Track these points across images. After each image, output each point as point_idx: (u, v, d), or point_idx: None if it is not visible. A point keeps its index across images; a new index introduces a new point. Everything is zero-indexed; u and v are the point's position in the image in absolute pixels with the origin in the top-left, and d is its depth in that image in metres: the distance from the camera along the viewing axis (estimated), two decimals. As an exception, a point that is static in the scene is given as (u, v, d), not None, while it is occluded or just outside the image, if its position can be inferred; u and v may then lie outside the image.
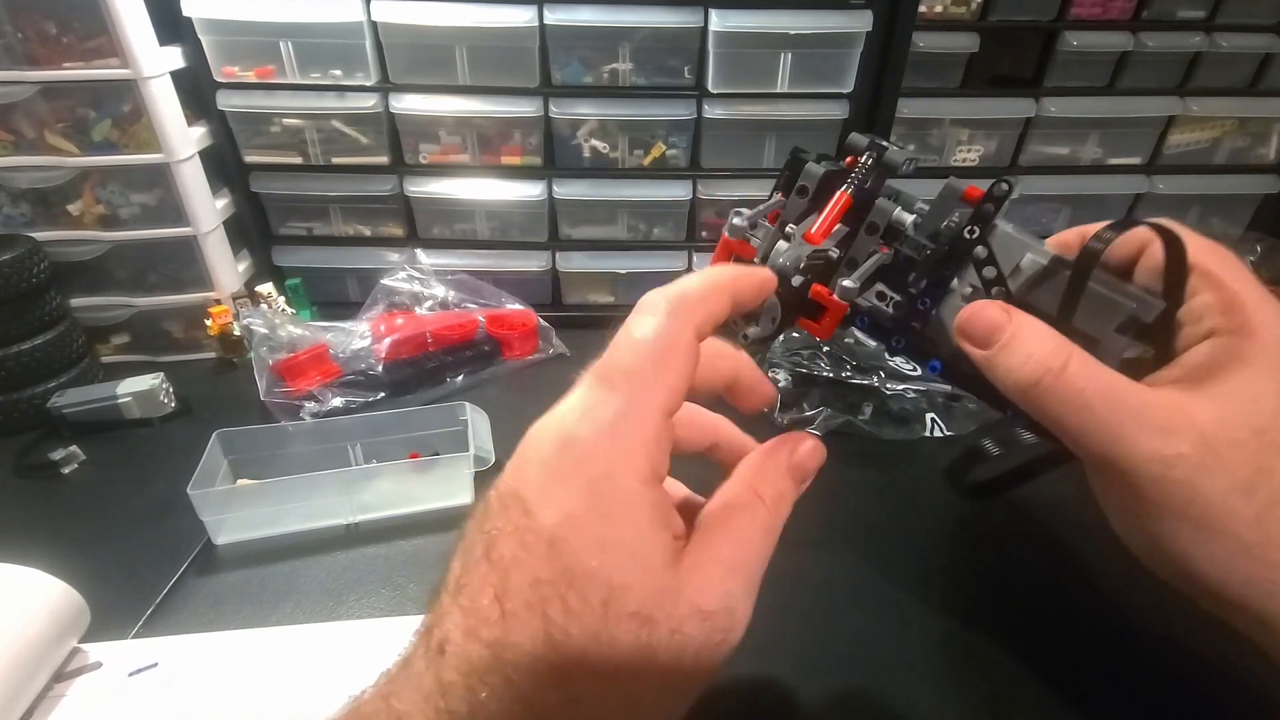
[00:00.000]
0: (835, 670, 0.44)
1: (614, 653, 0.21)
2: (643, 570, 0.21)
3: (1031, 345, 0.26)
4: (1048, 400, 0.26)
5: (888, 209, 0.31)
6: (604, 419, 0.22)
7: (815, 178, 0.32)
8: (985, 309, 0.28)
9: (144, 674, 0.44)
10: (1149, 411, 0.25)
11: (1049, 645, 0.46)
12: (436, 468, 0.57)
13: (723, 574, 0.23)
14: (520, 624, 0.21)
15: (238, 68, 0.74)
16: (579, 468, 0.22)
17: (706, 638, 0.22)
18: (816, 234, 0.30)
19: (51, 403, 0.66)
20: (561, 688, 0.21)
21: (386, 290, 0.81)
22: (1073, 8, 0.76)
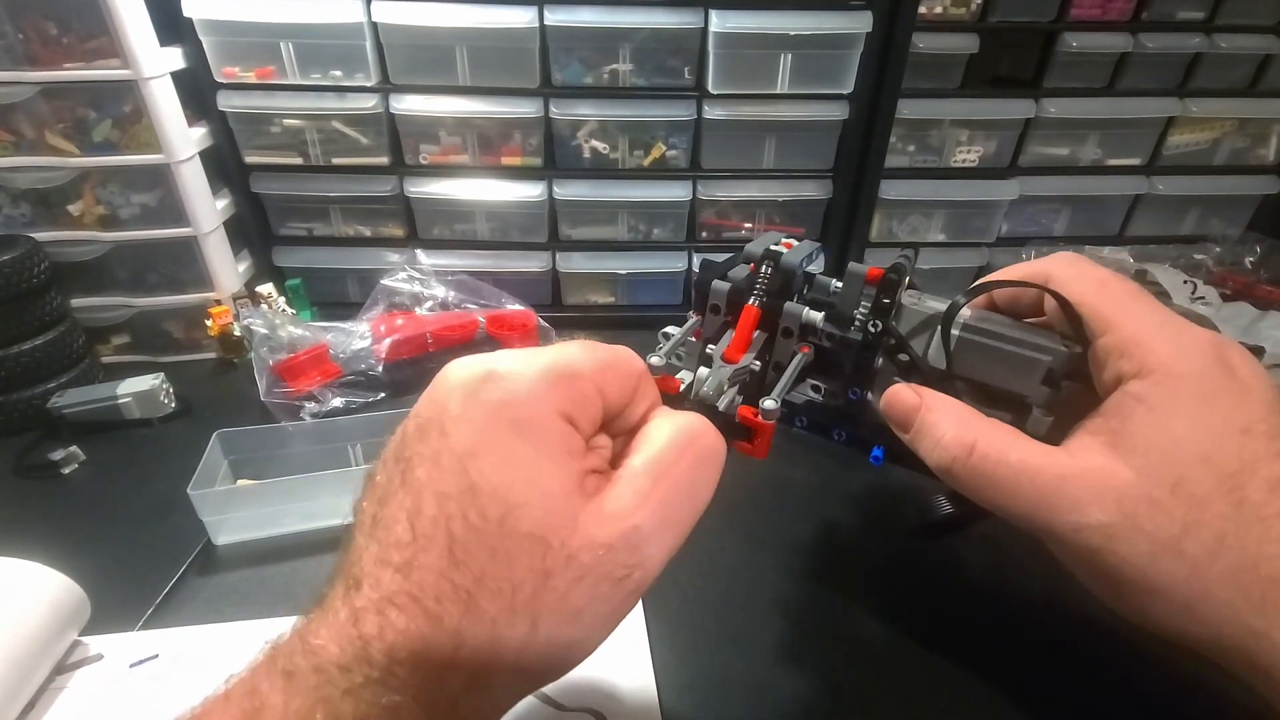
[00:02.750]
0: (834, 670, 0.44)
1: (510, 571, 0.21)
2: (542, 492, 0.22)
3: (940, 429, 0.27)
4: (963, 482, 0.27)
5: (796, 312, 0.32)
6: (529, 362, 0.23)
7: (723, 295, 0.33)
8: (899, 394, 0.30)
9: (145, 665, 0.44)
10: (1064, 485, 0.25)
11: (1053, 646, 0.46)
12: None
13: (628, 507, 0.22)
14: (427, 542, 0.21)
15: (238, 68, 0.74)
16: (497, 394, 0.22)
17: (605, 570, 0.22)
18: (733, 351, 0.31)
19: (51, 403, 0.66)
20: (462, 604, 0.21)
21: (387, 291, 0.81)
22: (1072, 9, 0.76)
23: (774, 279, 0.33)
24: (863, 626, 0.47)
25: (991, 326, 0.30)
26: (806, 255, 0.34)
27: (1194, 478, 0.23)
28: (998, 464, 0.26)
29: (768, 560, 0.52)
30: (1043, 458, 0.26)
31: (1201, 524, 0.23)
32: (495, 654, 0.21)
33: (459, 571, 0.21)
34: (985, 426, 0.27)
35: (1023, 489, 0.25)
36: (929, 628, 0.47)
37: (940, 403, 0.28)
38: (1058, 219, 0.90)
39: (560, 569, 0.21)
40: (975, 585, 0.51)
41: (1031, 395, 0.29)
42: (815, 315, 0.32)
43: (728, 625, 0.47)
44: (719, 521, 0.35)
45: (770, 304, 0.32)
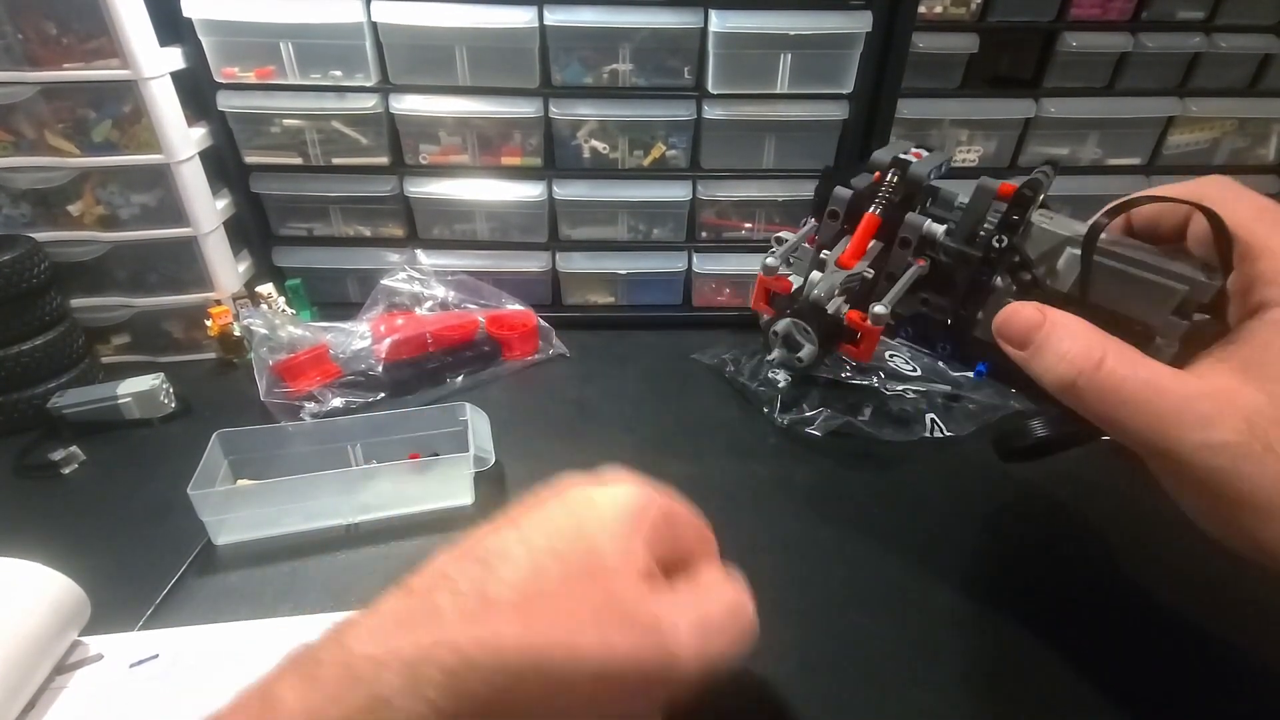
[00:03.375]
0: (834, 670, 0.44)
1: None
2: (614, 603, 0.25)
3: (1066, 344, 0.26)
4: (1087, 398, 0.26)
5: (917, 223, 0.31)
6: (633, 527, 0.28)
7: (843, 202, 0.33)
8: (1020, 310, 0.28)
9: (145, 665, 0.44)
10: (1192, 403, 0.24)
11: (1050, 646, 0.46)
12: (436, 468, 0.57)
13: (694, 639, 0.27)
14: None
15: (238, 68, 0.74)
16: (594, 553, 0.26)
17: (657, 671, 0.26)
18: (848, 258, 0.31)
19: (51, 403, 0.66)
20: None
21: (387, 291, 0.81)
22: (1072, 8, 0.76)
23: (899, 188, 0.32)
24: (863, 625, 0.47)
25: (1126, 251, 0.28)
26: (936, 167, 0.33)
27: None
28: (1125, 379, 0.25)
29: (768, 560, 0.52)
30: (1171, 377, 0.25)
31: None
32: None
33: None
34: (1113, 343, 0.26)
35: (1150, 405, 0.25)
36: (930, 627, 0.47)
37: (1065, 319, 0.27)
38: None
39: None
40: (979, 584, 0.50)
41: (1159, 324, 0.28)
42: (937, 228, 0.31)
43: (728, 625, 0.47)
44: (719, 522, 0.35)
45: (891, 213, 0.32)
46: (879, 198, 0.32)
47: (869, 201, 0.32)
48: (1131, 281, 0.28)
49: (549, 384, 0.76)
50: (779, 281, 0.32)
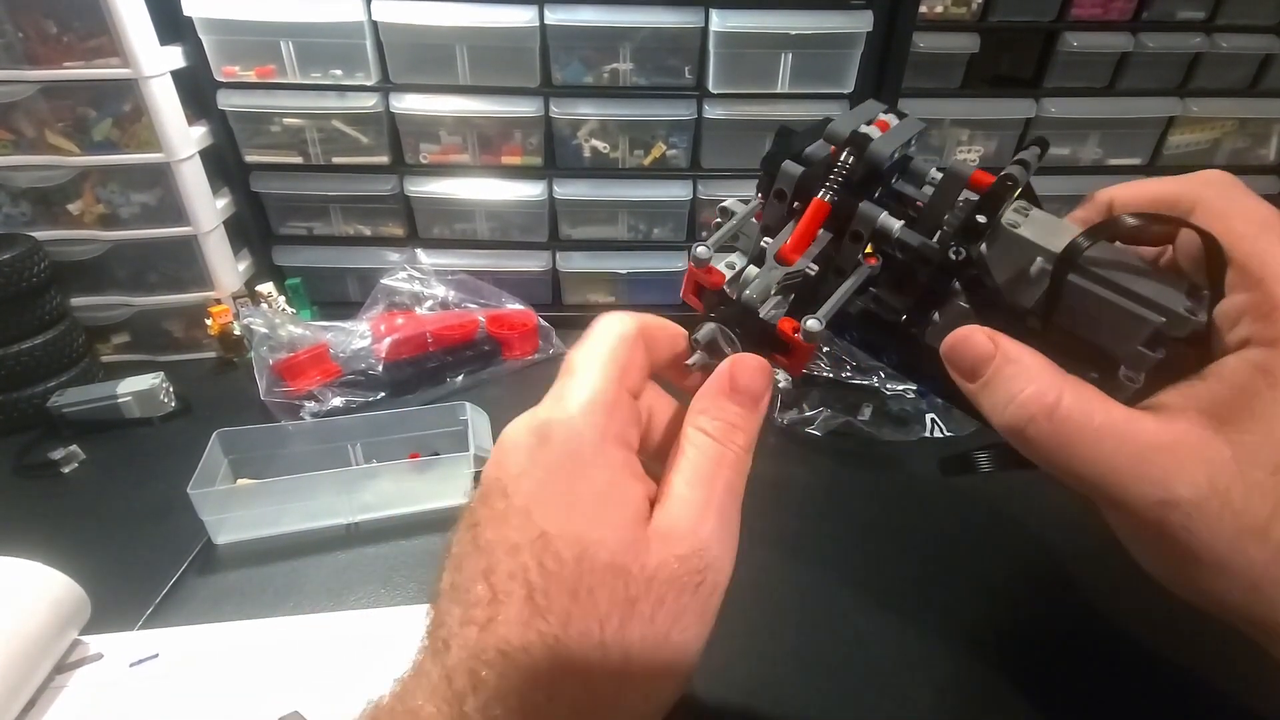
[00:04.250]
0: (834, 670, 0.44)
1: (594, 607, 0.21)
2: (613, 525, 0.22)
3: (1017, 384, 0.24)
4: (1036, 446, 0.24)
5: (871, 216, 0.26)
6: (570, 399, 0.24)
7: (791, 180, 0.28)
8: (970, 338, 0.25)
9: (145, 665, 0.44)
10: (1151, 456, 0.22)
11: (1049, 646, 0.46)
12: (437, 468, 0.57)
13: (690, 521, 0.23)
14: (506, 596, 0.22)
15: (238, 67, 0.74)
16: (550, 443, 0.23)
17: (683, 583, 0.22)
18: (789, 250, 0.26)
19: (51, 402, 0.66)
20: (549, 649, 0.21)
21: (387, 290, 0.81)
22: (1073, 8, 0.76)
23: (854, 170, 0.27)
24: (862, 624, 0.47)
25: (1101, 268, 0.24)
26: (901, 144, 0.27)
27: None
28: (1080, 427, 0.23)
29: (768, 560, 0.52)
30: (1129, 424, 0.23)
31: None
32: (592, 695, 0.21)
33: (543, 619, 0.21)
34: (1069, 385, 0.23)
35: (1105, 458, 0.23)
36: (930, 627, 0.47)
37: (1019, 354, 0.24)
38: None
39: (644, 594, 0.22)
40: (980, 584, 0.50)
41: (1127, 356, 0.24)
42: (893, 224, 0.26)
43: (727, 624, 0.46)
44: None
45: (844, 199, 0.27)
46: (829, 181, 0.27)
47: (819, 184, 0.27)
48: (1101, 305, 0.24)
49: (549, 383, 0.75)
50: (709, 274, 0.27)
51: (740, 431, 0.25)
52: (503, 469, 0.24)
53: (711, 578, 0.23)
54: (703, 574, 0.23)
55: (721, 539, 0.24)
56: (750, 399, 0.26)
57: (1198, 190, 0.24)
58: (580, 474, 0.23)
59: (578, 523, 0.22)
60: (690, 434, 0.25)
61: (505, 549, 0.22)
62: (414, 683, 0.22)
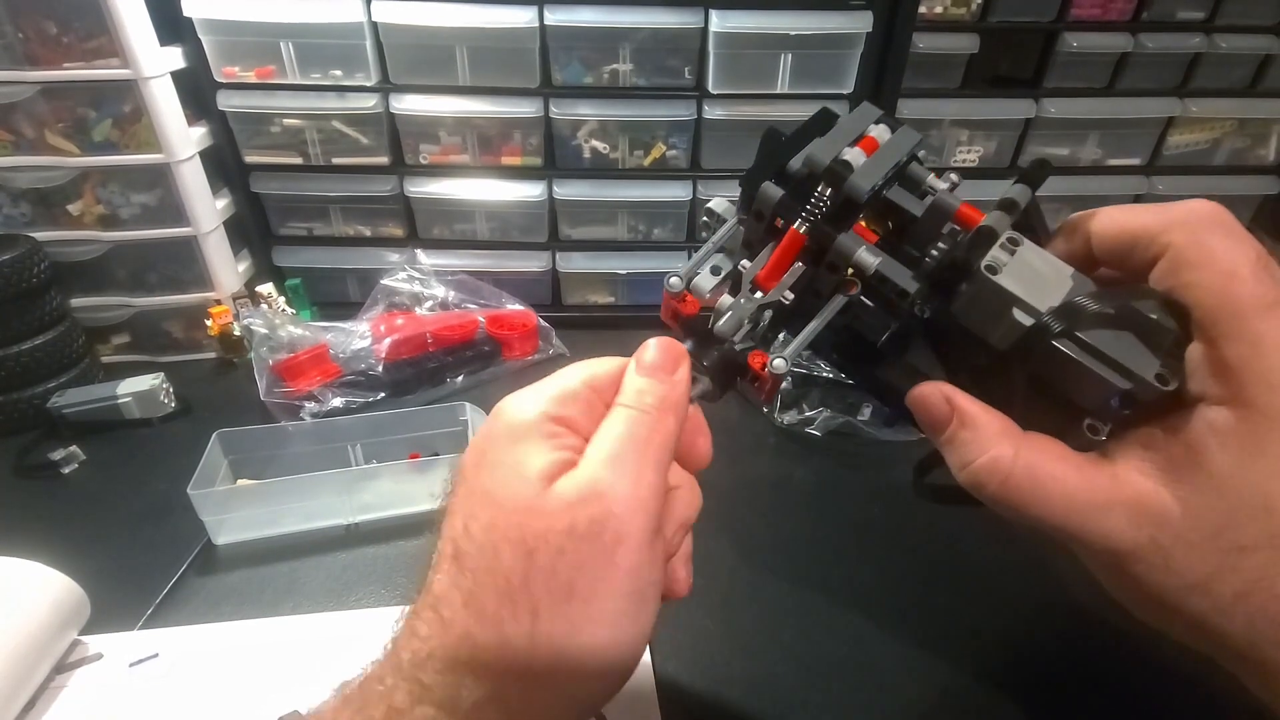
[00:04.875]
0: (833, 669, 0.44)
1: (499, 562, 0.22)
2: (518, 482, 0.23)
3: (971, 451, 0.25)
4: (992, 504, 0.25)
5: (848, 250, 0.26)
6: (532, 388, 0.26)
7: (770, 204, 0.27)
8: (928, 400, 0.26)
9: (145, 665, 0.44)
10: (1101, 513, 0.23)
11: (1049, 646, 0.46)
12: (436, 468, 0.57)
13: (588, 470, 0.24)
14: (440, 557, 0.24)
15: (238, 68, 0.74)
16: (496, 417, 0.25)
17: (580, 532, 0.22)
18: (765, 277, 0.27)
19: (51, 403, 0.66)
20: (466, 605, 0.22)
21: (387, 290, 0.81)
22: (1072, 9, 0.76)
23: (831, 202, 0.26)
24: (862, 624, 0.47)
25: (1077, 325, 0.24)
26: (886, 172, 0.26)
27: (1245, 525, 0.22)
28: (1032, 490, 0.24)
29: (767, 560, 0.52)
30: (1082, 482, 0.24)
31: (1237, 570, 0.22)
32: (508, 650, 0.22)
33: (463, 576, 0.23)
34: (1024, 448, 0.24)
35: (1056, 514, 0.24)
36: (930, 626, 0.47)
37: (974, 416, 0.25)
38: (1058, 219, 0.89)
39: (541, 545, 0.22)
40: (978, 583, 0.51)
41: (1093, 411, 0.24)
42: (870, 260, 0.25)
43: (727, 624, 0.47)
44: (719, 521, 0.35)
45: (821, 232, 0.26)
46: (806, 213, 0.26)
47: (794, 214, 0.26)
48: (1070, 363, 0.24)
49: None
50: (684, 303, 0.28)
51: (649, 395, 0.26)
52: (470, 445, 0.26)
53: (614, 526, 0.23)
54: (601, 523, 0.23)
55: (624, 489, 0.23)
56: (655, 369, 0.26)
57: (1171, 232, 0.23)
58: (511, 444, 0.24)
59: (494, 483, 0.24)
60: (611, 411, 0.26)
61: (447, 516, 0.24)
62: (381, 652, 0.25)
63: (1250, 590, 0.22)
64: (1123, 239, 0.25)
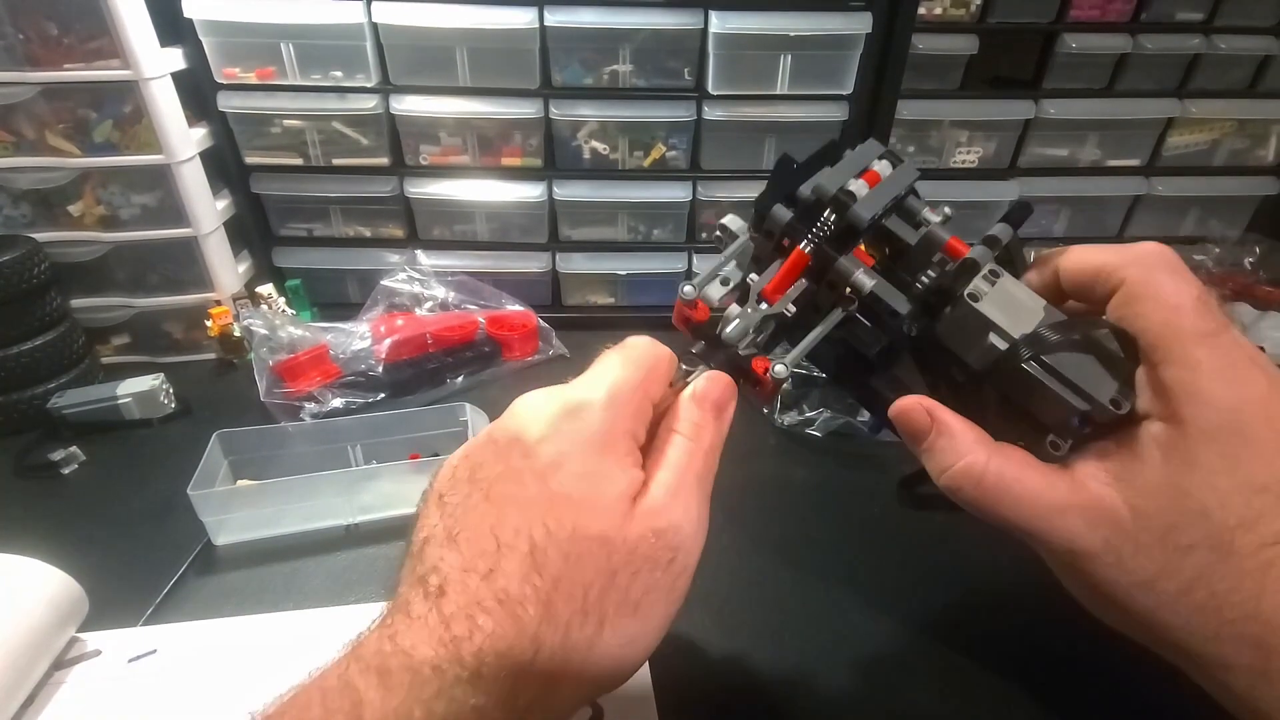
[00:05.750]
0: (834, 669, 0.44)
1: (581, 573, 0.24)
2: (608, 499, 0.25)
3: (949, 458, 0.28)
4: (967, 505, 0.28)
5: (846, 271, 0.29)
6: (601, 386, 0.27)
7: (779, 225, 0.30)
8: (909, 412, 0.29)
9: (144, 661, 0.44)
10: (1061, 515, 0.26)
11: (1050, 646, 0.46)
12: (436, 468, 0.57)
13: (662, 502, 0.26)
14: (509, 550, 0.24)
15: (239, 69, 0.74)
16: (579, 418, 0.26)
17: (656, 558, 0.25)
18: (771, 291, 0.30)
19: (51, 403, 0.66)
20: (541, 605, 0.23)
21: (387, 291, 0.81)
22: (1072, 10, 0.76)
23: (835, 228, 0.29)
24: (862, 625, 0.47)
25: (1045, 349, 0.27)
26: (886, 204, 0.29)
27: (1186, 528, 0.24)
28: (1001, 493, 0.27)
29: (767, 560, 0.52)
30: (1046, 487, 0.27)
31: (1180, 570, 0.25)
32: (567, 656, 0.23)
33: (539, 576, 0.23)
34: (995, 456, 0.27)
35: (1022, 516, 0.27)
36: (930, 627, 0.47)
37: (950, 428, 0.28)
38: (1057, 220, 0.90)
39: (623, 565, 0.24)
40: (978, 583, 0.51)
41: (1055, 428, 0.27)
42: (866, 282, 0.29)
43: (727, 623, 0.47)
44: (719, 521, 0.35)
45: (823, 253, 0.29)
46: (811, 235, 0.29)
47: (800, 235, 0.30)
48: (1035, 384, 0.27)
49: (549, 384, 0.76)
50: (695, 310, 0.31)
51: (706, 432, 0.28)
52: (524, 430, 0.26)
53: (682, 558, 0.25)
54: (674, 551, 0.25)
55: (691, 522, 0.26)
56: (713, 406, 0.29)
57: (1126, 269, 0.27)
58: (595, 451, 0.25)
59: (581, 492, 0.24)
60: (671, 437, 0.28)
61: (517, 505, 0.24)
62: (406, 624, 0.24)
63: (1190, 587, 0.24)
64: (1085, 274, 0.28)
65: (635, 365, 0.28)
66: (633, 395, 0.27)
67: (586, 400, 0.27)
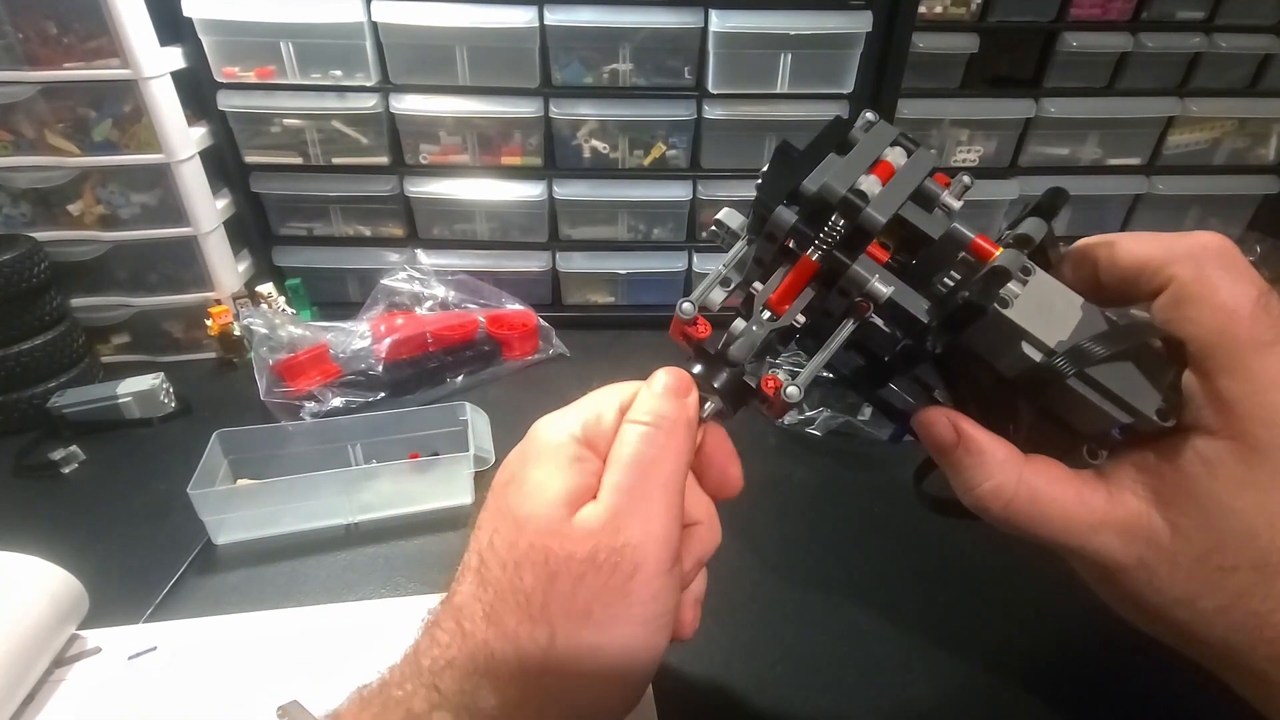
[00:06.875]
0: (833, 669, 0.44)
1: (521, 582, 0.24)
2: (544, 505, 0.24)
3: (976, 477, 0.26)
4: (996, 523, 0.26)
5: (861, 280, 0.26)
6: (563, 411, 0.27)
7: (784, 228, 0.27)
8: (934, 426, 0.27)
9: (144, 658, 0.44)
10: (1096, 532, 0.25)
11: (1050, 646, 0.46)
12: (436, 468, 0.57)
13: (607, 500, 0.25)
14: (465, 570, 0.25)
15: (238, 68, 0.74)
16: (530, 439, 0.27)
17: (600, 561, 0.24)
18: (777, 301, 0.27)
19: (51, 403, 0.66)
20: (486, 619, 0.24)
21: (387, 290, 0.81)
22: (1072, 8, 0.76)
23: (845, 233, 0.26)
24: (862, 626, 0.47)
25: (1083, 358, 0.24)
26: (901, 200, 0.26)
27: (1229, 549, 0.23)
28: (1034, 513, 0.25)
29: (767, 560, 0.52)
30: (1078, 504, 0.25)
31: (1219, 588, 0.23)
32: (524, 665, 0.23)
33: (485, 590, 0.24)
34: (1025, 472, 0.26)
35: (1054, 532, 0.25)
36: (931, 626, 0.47)
37: (977, 445, 0.26)
38: (1058, 219, 0.89)
39: (563, 570, 0.23)
40: (979, 583, 0.50)
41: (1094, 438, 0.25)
42: (883, 290, 0.25)
43: (727, 624, 0.47)
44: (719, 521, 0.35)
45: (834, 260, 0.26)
46: (819, 241, 0.26)
47: (807, 241, 0.26)
48: (1074, 396, 0.24)
49: (549, 384, 0.76)
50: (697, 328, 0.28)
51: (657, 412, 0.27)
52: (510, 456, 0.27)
53: (630, 556, 0.24)
54: (619, 553, 0.24)
55: (637, 520, 0.24)
56: (664, 391, 0.27)
57: (1175, 265, 0.24)
58: (538, 465, 0.25)
59: (521, 502, 0.25)
60: (621, 428, 0.27)
61: (482, 525, 0.26)
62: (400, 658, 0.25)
63: (1230, 606, 0.23)
64: (1129, 270, 0.25)
65: (614, 389, 0.28)
66: (600, 409, 0.27)
67: (545, 421, 0.27)
